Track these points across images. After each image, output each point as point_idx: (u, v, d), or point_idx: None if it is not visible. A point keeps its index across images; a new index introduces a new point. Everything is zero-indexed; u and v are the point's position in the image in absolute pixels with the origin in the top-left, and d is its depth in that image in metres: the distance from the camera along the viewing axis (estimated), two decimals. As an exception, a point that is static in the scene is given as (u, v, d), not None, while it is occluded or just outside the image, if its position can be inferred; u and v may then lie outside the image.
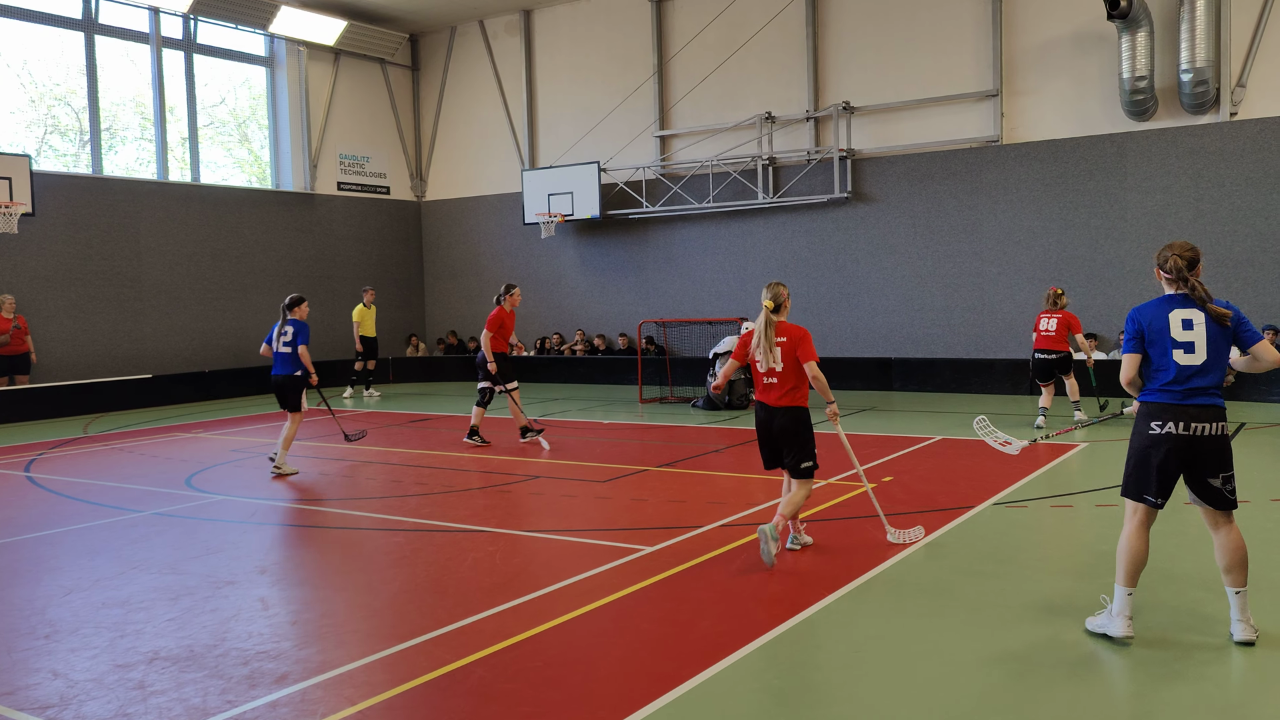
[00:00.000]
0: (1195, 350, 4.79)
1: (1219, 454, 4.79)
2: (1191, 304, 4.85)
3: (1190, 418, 4.77)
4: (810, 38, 17.95)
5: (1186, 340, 4.81)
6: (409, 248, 23.22)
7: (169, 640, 5.29)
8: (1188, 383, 4.78)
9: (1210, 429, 4.77)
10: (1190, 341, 4.81)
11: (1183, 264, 4.89)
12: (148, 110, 18.83)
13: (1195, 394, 4.78)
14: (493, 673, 4.68)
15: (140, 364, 18.09)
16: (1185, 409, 4.78)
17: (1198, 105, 14.85)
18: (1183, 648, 4.80)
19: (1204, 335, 4.78)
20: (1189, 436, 4.77)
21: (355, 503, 8.88)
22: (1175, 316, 4.85)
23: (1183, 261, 4.90)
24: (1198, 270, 4.93)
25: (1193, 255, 4.94)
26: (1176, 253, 4.93)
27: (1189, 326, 4.81)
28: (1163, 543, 6.38)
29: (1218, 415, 4.80)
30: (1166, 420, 4.80)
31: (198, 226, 19.07)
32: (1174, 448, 4.78)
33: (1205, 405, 4.78)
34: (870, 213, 17.65)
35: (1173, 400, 4.80)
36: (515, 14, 21.39)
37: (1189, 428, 4.76)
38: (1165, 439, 4.79)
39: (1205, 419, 4.77)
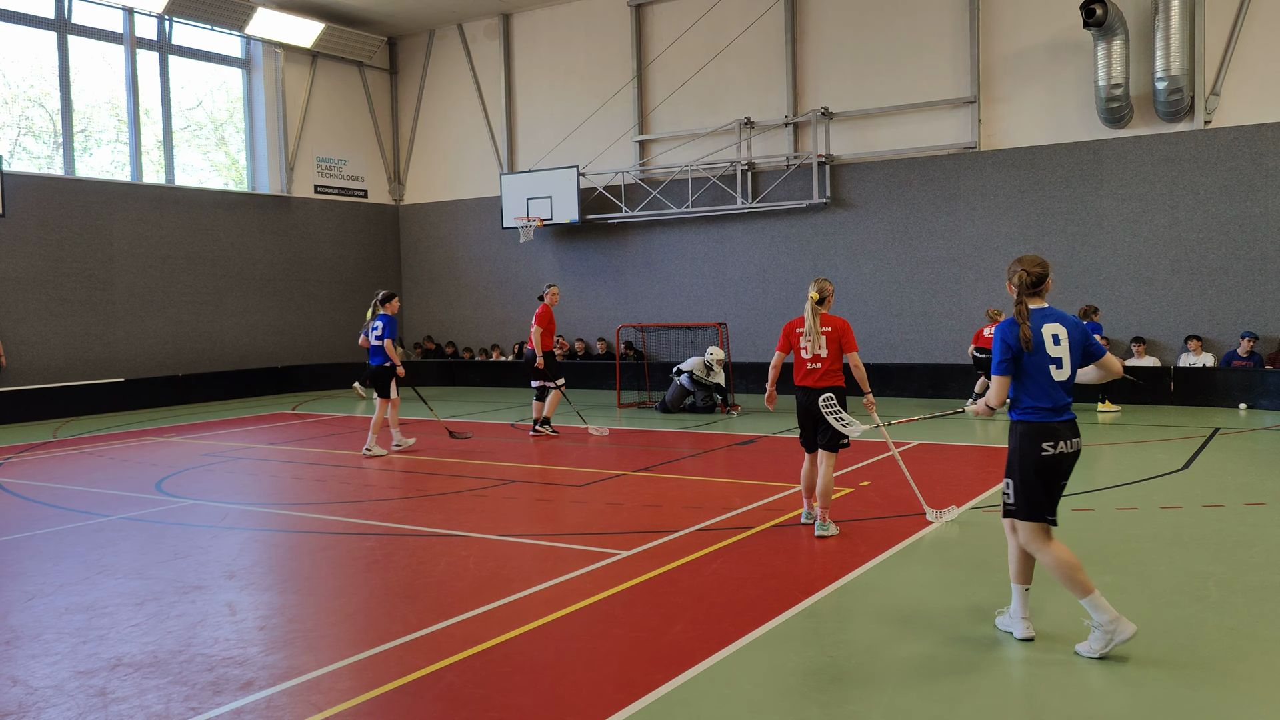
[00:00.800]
0: (1063, 365, 4.78)
1: (1072, 465, 4.87)
2: (1056, 318, 4.81)
3: (1070, 434, 4.79)
4: (789, 44, 17.98)
5: (1057, 355, 4.77)
6: (387, 251, 23.09)
7: (133, 646, 5.18)
8: (1060, 399, 4.78)
9: (1078, 444, 4.83)
10: (1059, 357, 4.78)
11: (1029, 279, 4.85)
12: (123, 113, 18.65)
13: (1065, 410, 4.80)
14: (463, 678, 4.61)
15: (112, 367, 17.88)
16: (1064, 426, 4.78)
17: (1172, 113, 14.96)
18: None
19: (1068, 349, 4.77)
20: (1070, 454, 4.80)
21: (328, 507, 8.78)
22: (1046, 332, 4.79)
23: (1029, 277, 4.86)
24: (1045, 286, 4.89)
25: (1040, 271, 4.89)
26: (1025, 267, 4.87)
27: (1058, 342, 4.78)
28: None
29: (1078, 430, 4.86)
30: (1058, 440, 4.76)
31: (172, 229, 18.88)
32: (1063, 467, 4.80)
33: (1073, 421, 4.82)
34: (849, 218, 17.68)
35: (1055, 419, 4.77)
36: (494, 18, 21.33)
37: (1070, 444, 4.79)
38: (1059, 459, 4.77)
39: (1076, 434, 4.82)
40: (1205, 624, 5.14)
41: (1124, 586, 5.78)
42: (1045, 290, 4.89)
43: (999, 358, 4.83)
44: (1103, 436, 11.68)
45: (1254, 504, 7.87)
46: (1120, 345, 15.70)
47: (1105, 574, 6.03)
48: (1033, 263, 4.89)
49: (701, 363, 14.93)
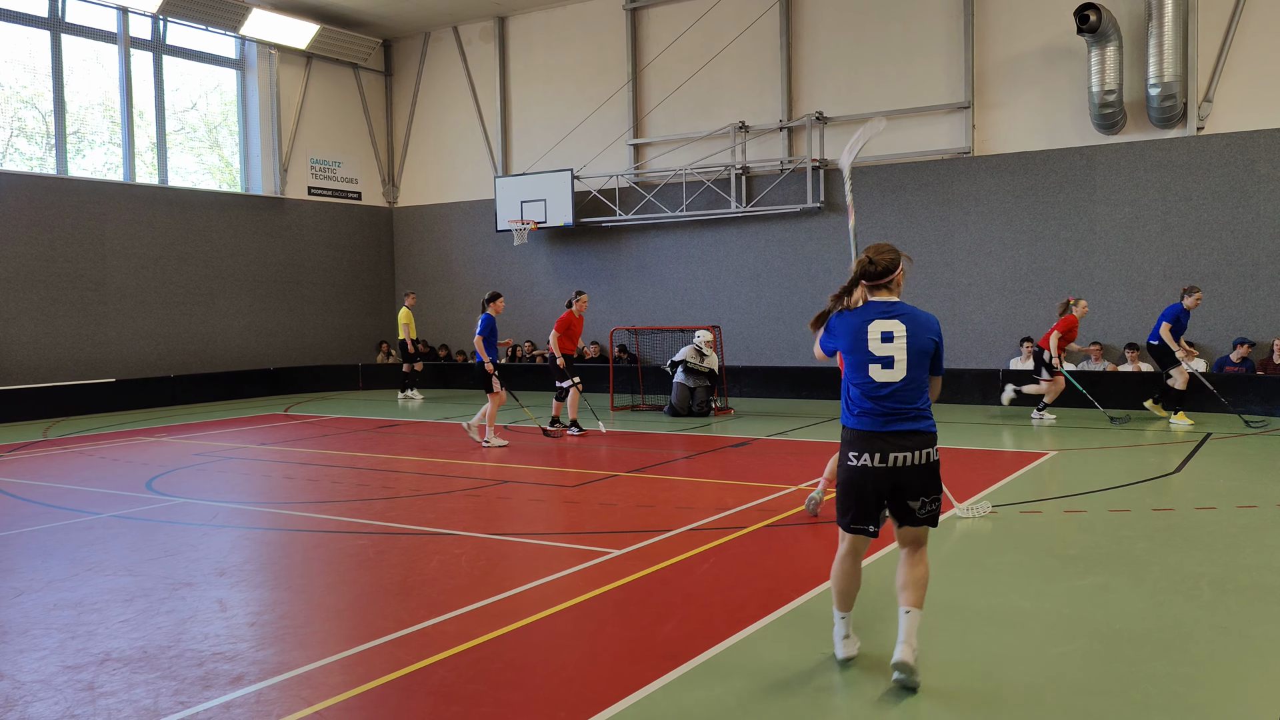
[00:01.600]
0: (894, 366, 4.27)
1: (924, 480, 4.33)
2: (899, 314, 4.33)
3: (890, 447, 4.28)
4: (784, 48, 18.01)
5: (884, 354, 4.28)
6: (380, 254, 23.06)
7: (121, 641, 5.15)
8: (885, 403, 4.29)
9: (914, 458, 4.28)
10: (887, 356, 4.28)
11: (871, 268, 4.37)
12: (116, 114, 18.60)
13: (895, 417, 4.28)
14: (454, 674, 4.59)
15: (104, 368, 17.81)
16: (884, 437, 4.29)
17: (1165, 119, 15.01)
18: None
19: (904, 350, 4.28)
20: (888, 469, 4.28)
21: (320, 505, 8.74)
22: (875, 327, 4.31)
23: (872, 266, 4.37)
24: (892, 279, 4.40)
25: (887, 260, 4.36)
26: (869, 253, 4.39)
27: (889, 339, 4.29)
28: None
29: (923, 441, 4.29)
30: (863, 451, 4.30)
31: (165, 230, 18.83)
32: (874, 482, 4.31)
33: (907, 431, 4.28)
34: (843, 223, 17.70)
35: (870, 427, 4.30)
36: (490, 20, 21.33)
37: (887, 458, 4.27)
38: (863, 472, 4.31)
39: (907, 446, 4.28)
40: (1198, 624, 5.15)
41: (1116, 587, 5.78)
42: (893, 284, 4.39)
43: (828, 340, 4.54)
44: (1095, 440, 11.70)
45: (1245, 507, 7.88)
46: (1114, 351, 15.73)
47: (1097, 574, 6.04)
48: (879, 250, 4.40)
49: (693, 349, 14.92)
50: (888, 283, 4.40)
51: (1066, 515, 7.68)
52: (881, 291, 4.41)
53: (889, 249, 4.39)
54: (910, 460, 4.27)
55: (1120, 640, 4.90)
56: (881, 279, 4.39)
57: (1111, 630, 5.04)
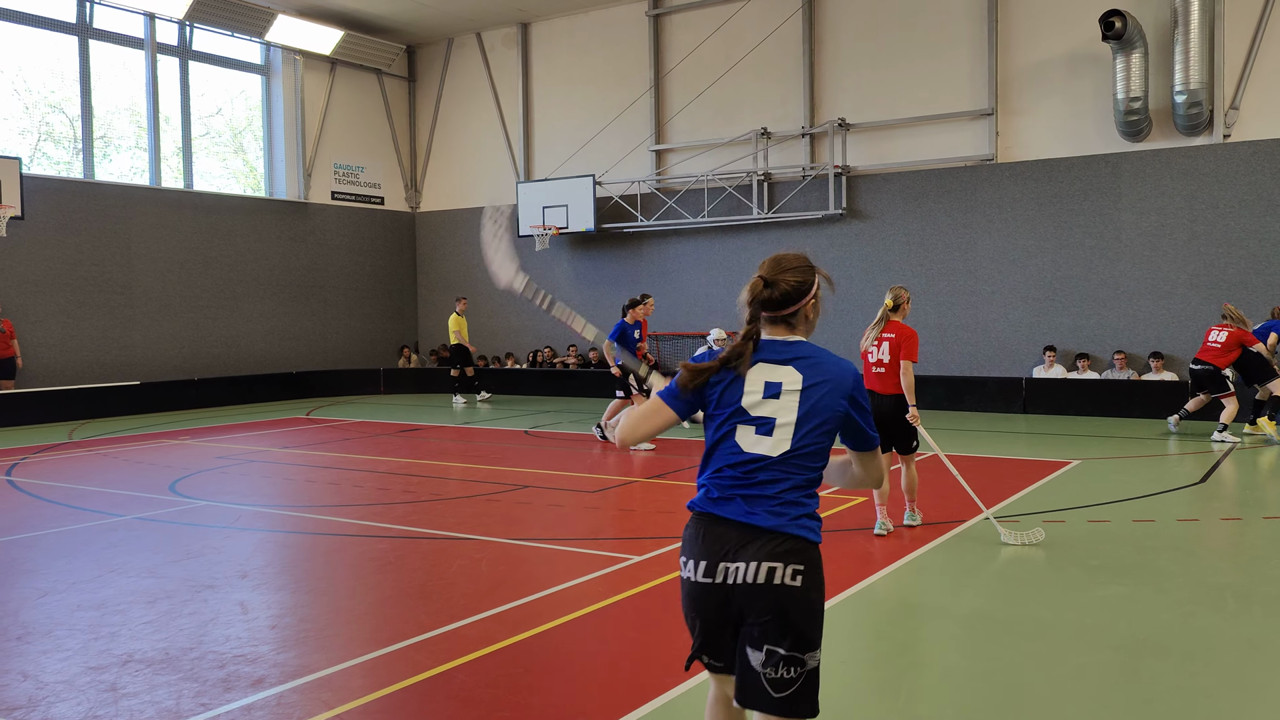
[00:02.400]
0: (773, 433, 2.80)
1: (768, 616, 2.72)
2: (796, 357, 2.87)
3: (720, 550, 2.76)
4: (807, 54, 17.99)
5: (763, 415, 2.82)
6: (403, 258, 23.17)
7: (144, 643, 5.18)
8: (745, 485, 2.80)
9: (750, 574, 2.72)
10: (767, 418, 2.81)
11: (765, 293, 2.89)
12: (143, 119, 18.79)
13: (757, 505, 2.77)
14: (474, 678, 4.59)
15: (129, 371, 17.97)
16: (718, 531, 2.79)
17: (1192, 127, 14.88)
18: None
19: (793, 410, 2.80)
20: (714, 586, 2.77)
21: (341, 509, 8.78)
22: (755, 375, 2.86)
23: (772, 291, 2.89)
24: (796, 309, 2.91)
25: (794, 283, 2.89)
26: (766, 273, 2.93)
27: (773, 393, 2.83)
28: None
29: (774, 549, 2.72)
30: (689, 555, 2.84)
31: (190, 234, 19.00)
32: (706, 607, 2.82)
33: (752, 527, 2.75)
34: (865, 230, 17.65)
35: (718, 511, 2.82)
36: (513, 26, 21.42)
37: (713, 570, 2.76)
38: (698, 591, 2.81)
39: (745, 554, 2.73)
40: (1222, 635, 5.09)
41: (1140, 597, 5.73)
42: (799, 316, 2.93)
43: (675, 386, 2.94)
44: (1120, 450, 11.60)
45: (1271, 517, 7.79)
46: (1139, 360, 15.60)
47: (1121, 584, 5.98)
48: (780, 266, 2.93)
49: (705, 350, 14.93)
50: (791, 314, 2.93)
51: (1090, 525, 7.62)
52: (781, 328, 2.94)
53: (797, 263, 2.94)
54: (744, 577, 2.72)
55: (1143, 651, 4.85)
56: (782, 308, 2.92)
57: (1135, 641, 4.99)
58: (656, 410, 2.95)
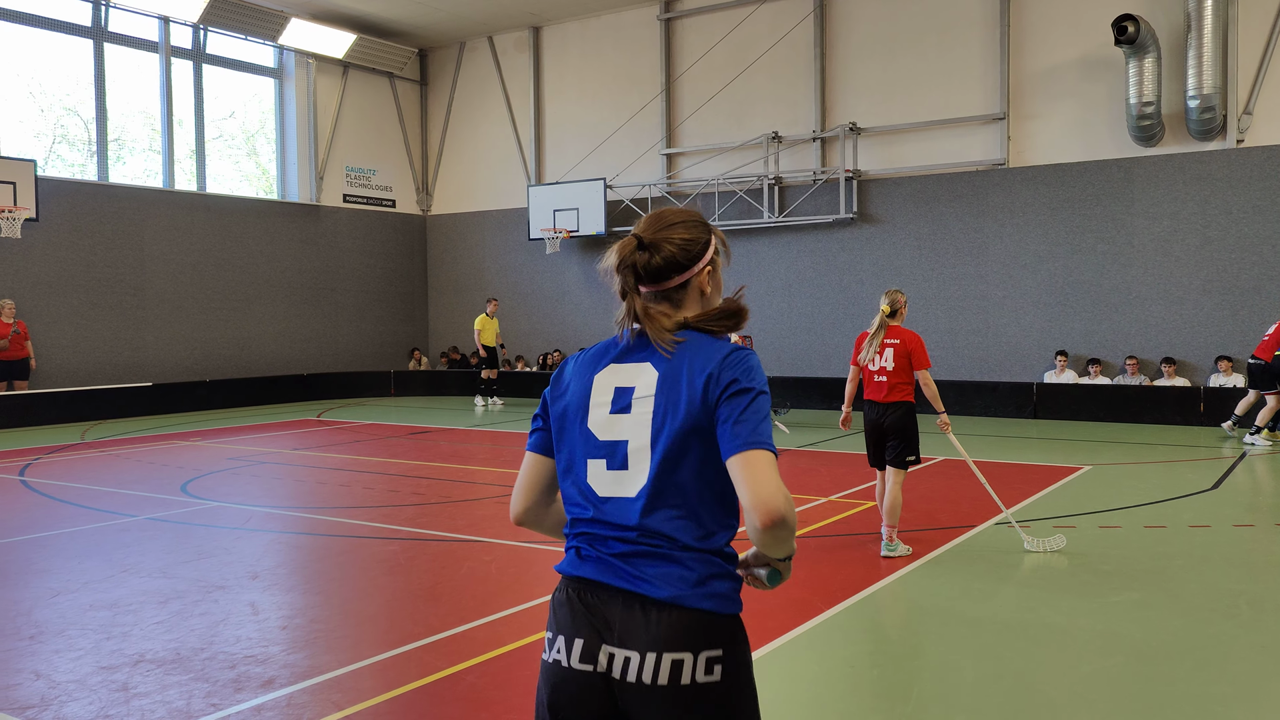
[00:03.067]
0: (626, 462, 2.05)
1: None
2: (643, 354, 2.14)
3: (599, 624, 2.01)
4: (818, 58, 17.98)
5: (610, 439, 2.08)
6: (413, 261, 23.22)
7: (155, 643, 5.20)
8: (602, 539, 2.06)
9: (644, 669, 1.94)
10: (615, 442, 2.07)
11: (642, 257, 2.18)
12: (156, 122, 18.88)
13: (612, 565, 2.03)
14: (484, 679, 4.60)
15: (141, 372, 18.05)
16: (591, 595, 2.04)
17: (1205, 132, 14.83)
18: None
19: (646, 428, 2.05)
20: (593, 674, 1.99)
21: (352, 511, 8.80)
22: (604, 380, 2.15)
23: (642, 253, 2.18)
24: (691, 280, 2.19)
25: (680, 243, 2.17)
26: (639, 231, 2.21)
27: (622, 405, 2.10)
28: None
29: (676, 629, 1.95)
30: (558, 631, 2.06)
31: (202, 236, 19.08)
32: (572, 697, 2.01)
33: (635, 596, 1.99)
34: (875, 234, 17.63)
35: (578, 572, 2.07)
36: (524, 30, 21.46)
37: (594, 654, 1.99)
38: (554, 675, 2.04)
39: (634, 639, 1.96)
40: (1236, 641, 5.06)
41: (1152, 603, 5.70)
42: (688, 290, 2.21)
43: (532, 421, 2.28)
44: (1131, 455, 11.55)
45: (1286, 525, 7.75)
46: (1150, 365, 15.53)
47: (1134, 591, 5.95)
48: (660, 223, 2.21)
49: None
50: (678, 287, 2.20)
51: (1102, 530, 7.58)
52: (663, 306, 2.20)
53: (684, 218, 2.23)
54: (637, 673, 1.95)
55: (1156, 658, 4.83)
56: (664, 279, 2.19)
57: (1147, 647, 4.97)
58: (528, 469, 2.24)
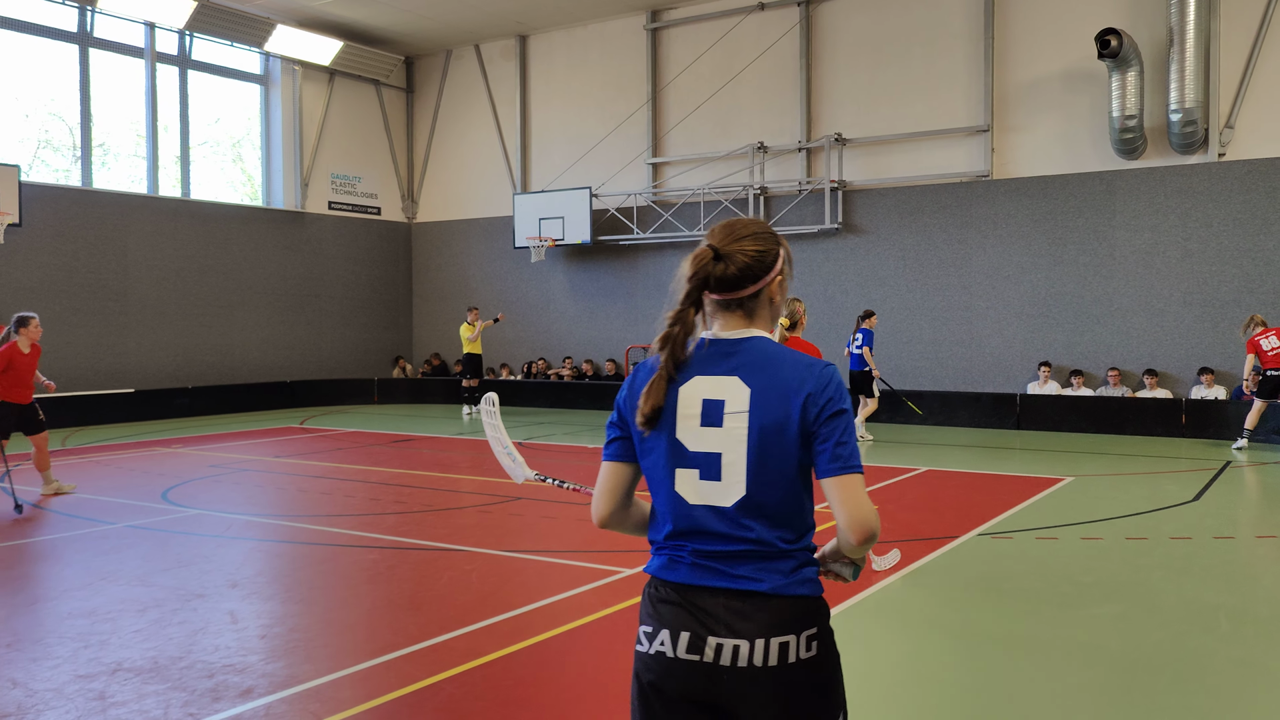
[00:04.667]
0: (719, 474, 2.16)
1: (776, 707, 2.13)
2: (739, 365, 2.19)
3: (704, 621, 2.15)
4: (804, 69, 18.06)
5: (700, 451, 2.18)
6: (398, 269, 23.17)
7: (133, 652, 5.16)
8: (698, 540, 2.19)
9: (751, 653, 2.11)
10: (710, 454, 2.17)
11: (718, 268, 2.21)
12: (141, 128, 18.80)
13: (711, 566, 2.18)
14: (462, 690, 4.58)
15: (123, 378, 17.93)
16: (692, 597, 2.18)
17: (1186, 145, 14.95)
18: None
19: (743, 436, 2.15)
20: (701, 664, 2.14)
21: (333, 519, 8.76)
22: (690, 392, 2.21)
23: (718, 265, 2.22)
24: (765, 289, 2.25)
25: (753, 254, 2.22)
26: (714, 242, 2.24)
27: (713, 418, 2.17)
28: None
29: (776, 617, 2.13)
30: (661, 623, 2.20)
31: (186, 242, 18.99)
32: (678, 686, 2.17)
33: (737, 593, 2.14)
34: (860, 244, 17.69)
35: (671, 575, 2.22)
36: (511, 39, 21.48)
37: (700, 644, 2.14)
38: (656, 666, 2.20)
39: (740, 629, 2.12)
40: (1215, 655, 5.09)
41: (1133, 616, 5.72)
42: (760, 300, 2.27)
43: (608, 430, 2.35)
44: (1113, 467, 11.61)
45: (1265, 537, 7.80)
46: (1133, 377, 15.63)
47: (1114, 603, 5.98)
48: (733, 232, 2.25)
49: None
50: (751, 296, 2.26)
51: (1084, 542, 7.61)
52: (735, 316, 2.26)
53: (757, 229, 2.28)
54: (747, 657, 2.12)
55: (1137, 670, 4.85)
56: (738, 288, 2.24)
57: (1129, 660, 4.98)
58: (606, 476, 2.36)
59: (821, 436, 2.14)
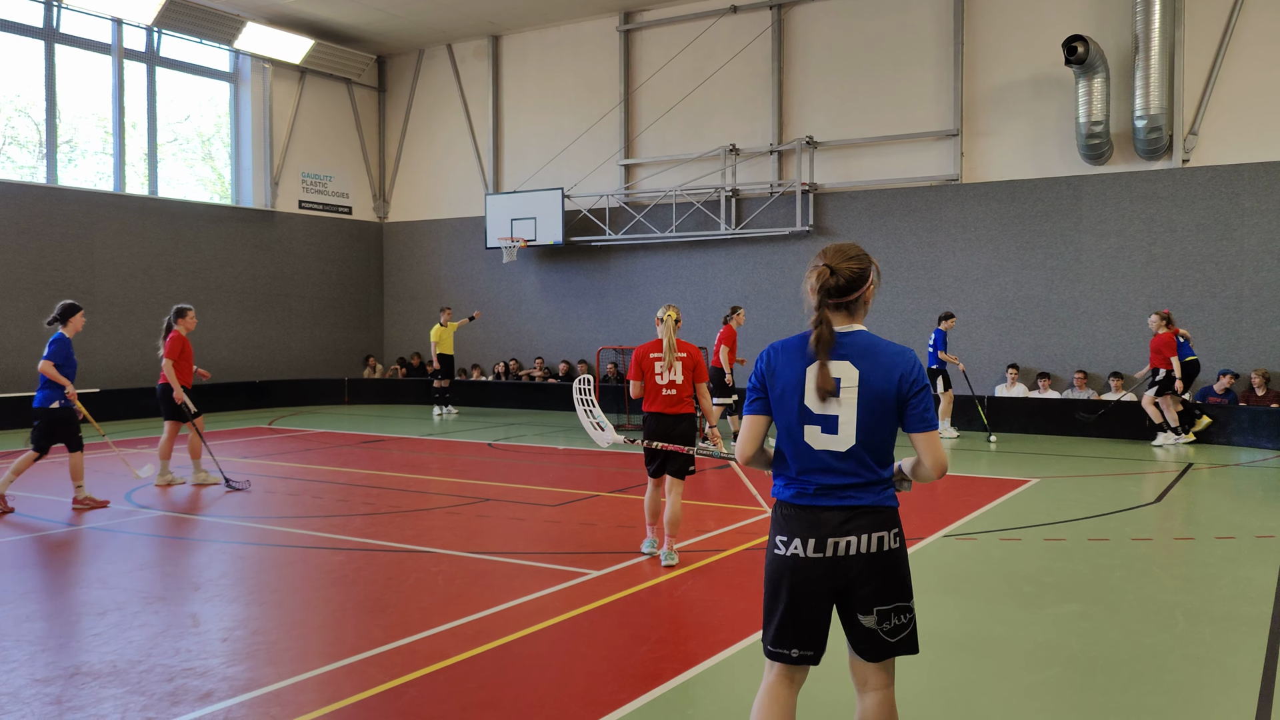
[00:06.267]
0: (837, 429, 3.14)
1: (878, 579, 3.14)
2: (852, 350, 3.17)
3: (825, 529, 3.13)
4: (775, 72, 18.13)
5: (824, 413, 3.15)
6: (369, 268, 23.05)
7: (92, 655, 5.11)
8: (820, 475, 3.17)
9: (860, 545, 3.12)
10: (829, 415, 3.14)
11: (832, 280, 3.17)
12: (109, 125, 18.60)
13: (830, 491, 3.15)
14: (425, 693, 4.56)
15: (88, 377, 17.69)
16: (816, 514, 3.15)
17: (1151, 151, 15.14)
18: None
19: (854, 404, 3.13)
20: (825, 559, 3.13)
21: (299, 521, 8.70)
22: (814, 371, 3.17)
23: (834, 277, 3.18)
24: (859, 295, 3.22)
25: (855, 270, 3.19)
26: (829, 261, 3.21)
27: (833, 391, 3.15)
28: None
29: (875, 521, 3.13)
30: (794, 534, 3.16)
31: (154, 240, 18.80)
32: (808, 577, 3.15)
33: (847, 507, 3.13)
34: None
35: (800, 500, 3.19)
36: (484, 39, 21.43)
37: (823, 545, 3.12)
38: (791, 564, 3.16)
39: (848, 530, 3.12)
40: (1172, 653, 5.16)
41: (1093, 615, 5.79)
42: (859, 303, 3.23)
43: (749, 393, 3.34)
44: (1078, 469, 11.73)
45: (1224, 537, 7.91)
46: (1098, 380, 15.80)
47: (1075, 603, 6.05)
48: (843, 254, 3.22)
49: None
50: (852, 301, 3.21)
51: (1046, 543, 7.69)
52: (842, 314, 3.22)
53: (855, 251, 3.23)
54: (856, 548, 3.12)
55: (1095, 669, 4.91)
56: (846, 295, 3.20)
57: (1087, 659, 5.04)
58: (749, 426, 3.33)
59: (911, 405, 3.13)
